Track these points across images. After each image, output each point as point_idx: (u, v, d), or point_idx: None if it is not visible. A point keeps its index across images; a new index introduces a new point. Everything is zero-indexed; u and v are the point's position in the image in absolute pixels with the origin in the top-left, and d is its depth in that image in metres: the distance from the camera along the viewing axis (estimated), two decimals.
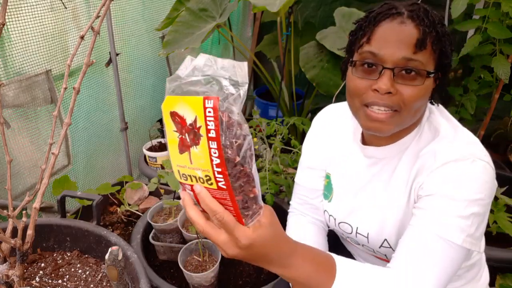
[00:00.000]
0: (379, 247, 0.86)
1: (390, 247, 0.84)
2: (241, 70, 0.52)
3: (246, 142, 0.54)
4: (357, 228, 0.90)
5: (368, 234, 0.87)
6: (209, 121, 0.50)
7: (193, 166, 0.55)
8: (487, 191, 0.71)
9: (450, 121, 0.81)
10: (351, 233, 0.92)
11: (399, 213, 0.81)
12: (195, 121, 0.52)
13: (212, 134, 0.51)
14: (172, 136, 0.55)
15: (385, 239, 0.84)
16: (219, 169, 0.52)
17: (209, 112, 0.50)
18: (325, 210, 0.97)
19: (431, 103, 0.82)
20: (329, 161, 0.96)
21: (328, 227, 1.01)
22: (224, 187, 0.53)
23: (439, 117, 0.81)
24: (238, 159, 0.53)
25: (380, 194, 0.85)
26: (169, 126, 0.55)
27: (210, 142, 0.51)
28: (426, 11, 0.71)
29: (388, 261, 0.89)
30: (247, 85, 0.52)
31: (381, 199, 0.85)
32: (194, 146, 0.53)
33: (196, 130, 0.52)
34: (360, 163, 0.89)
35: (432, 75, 0.72)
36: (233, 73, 0.52)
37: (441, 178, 0.72)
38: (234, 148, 0.52)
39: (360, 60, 0.74)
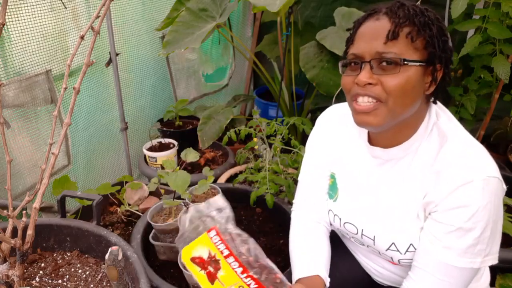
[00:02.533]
0: (386, 250, 0.86)
1: (398, 251, 0.84)
2: (218, 199, 0.77)
3: (250, 243, 0.72)
4: (362, 230, 0.89)
5: (374, 237, 0.87)
6: (218, 245, 0.69)
7: (226, 287, 0.70)
8: (499, 207, 0.73)
9: (458, 127, 0.81)
10: (356, 234, 0.92)
11: (411, 219, 0.81)
12: (209, 253, 0.71)
13: (226, 252, 0.69)
14: (199, 275, 0.72)
15: (393, 243, 0.84)
16: (244, 275, 0.68)
17: (215, 238, 0.69)
18: (330, 210, 0.97)
19: (434, 102, 0.81)
20: (334, 161, 0.96)
21: (332, 226, 1.01)
22: (256, 285, 0.68)
23: (448, 122, 0.80)
24: (251, 258, 0.70)
25: (389, 197, 0.85)
26: (194, 270, 0.73)
27: (227, 259, 0.69)
28: (403, 6, 0.74)
29: (393, 263, 0.89)
30: (227, 207, 0.78)
31: (391, 202, 0.84)
32: (219, 271, 0.70)
33: (214, 259, 0.70)
34: (367, 163, 0.89)
35: (412, 63, 0.72)
36: (216, 206, 0.75)
37: (456, 207, 0.73)
38: (245, 252, 0.70)
39: (346, 61, 0.79)
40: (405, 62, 0.71)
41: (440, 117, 0.81)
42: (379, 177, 0.87)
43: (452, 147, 0.76)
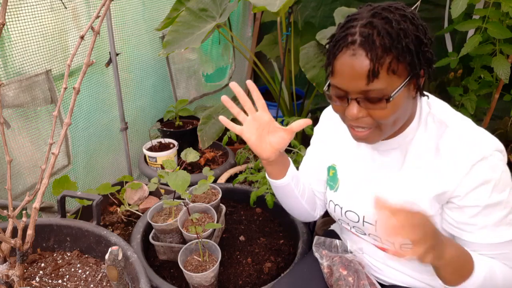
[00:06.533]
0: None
1: None
2: None
3: None
4: (364, 216, 0.91)
5: (376, 222, 0.89)
6: None
7: None
8: (509, 175, 0.77)
9: (451, 110, 0.84)
10: (357, 222, 0.94)
11: (412, 201, 0.83)
12: None
13: None
14: None
15: None
16: None
17: None
18: (330, 200, 1.00)
19: (422, 95, 0.81)
20: (334, 153, 0.99)
21: (333, 217, 1.04)
22: None
23: (440, 109, 0.83)
24: None
25: (389, 182, 0.87)
26: None
27: None
28: (378, 31, 0.68)
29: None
30: None
31: (390, 188, 0.87)
32: None
33: None
34: (365, 153, 0.91)
35: (397, 93, 0.71)
36: None
37: (476, 186, 0.75)
38: None
39: (331, 93, 0.78)
40: (391, 98, 0.71)
41: (432, 106, 0.84)
42: (377, 166, 0.90)
43: (453, 132, 0.79)
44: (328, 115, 1.04)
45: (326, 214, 1.73)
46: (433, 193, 0.80)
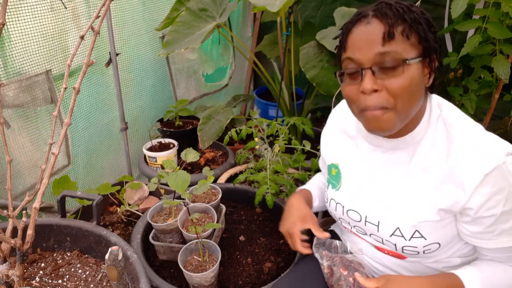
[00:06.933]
0: (390, 236, 0.87)
1: (402, 236, 0.85)
2: None
3: None
4: (366, 216, 0.91)
5: (378, 223, 0.88)
6: None
7: None
8: None
9: (461, 114, 0.83)
10: (359, 221, 0.93)
11: (418, 204, 0.83)
12: None
13: None
14: None
15: (398, 228, 0.85)
16: None
17: None
18: (332, 199, 0.99)
19: (430, 91, 0.83)
20: (338, 152, 0.99)
21: (334, 216, 1.03)
22: None
23: (450, 112, 0.83)
24: None
25: (393, 183, 0.86)
26: None
27: None
28: (389, 5, 0.74)
29: (397, 253, 0.90)
30: None
31: (395, 189, 0.86)
32: None
33: None
34: (370, 152, 0.91)
35: (413, 61, 0.72)
36: None
37: (491, 196, 0.74)
38: None
39: (343, 70, 0.78)
40: (407, 62, 0.72)
41: (442, 109, 0.83)
42: (381, 165, 0.89)
43: (465, 139, 0.77)
44: (334, 115, 1.04)
45: (326, 214, 1.73)
46: (440, 205, 0.80)
